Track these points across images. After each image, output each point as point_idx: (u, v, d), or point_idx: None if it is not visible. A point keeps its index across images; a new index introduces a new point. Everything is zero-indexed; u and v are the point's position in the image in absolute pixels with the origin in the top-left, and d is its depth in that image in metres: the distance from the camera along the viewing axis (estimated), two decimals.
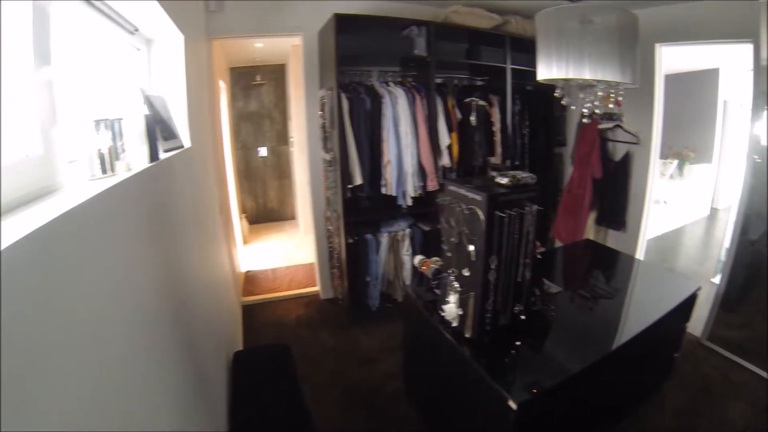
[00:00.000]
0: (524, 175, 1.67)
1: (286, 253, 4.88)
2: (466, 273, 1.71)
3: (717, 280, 2.99)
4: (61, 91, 0.95)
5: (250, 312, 3.48)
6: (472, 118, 3.23)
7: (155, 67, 1.85)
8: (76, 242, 0.69)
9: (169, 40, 1.85)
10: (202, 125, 2.48)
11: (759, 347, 2.58)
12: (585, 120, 3.38)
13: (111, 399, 0.74)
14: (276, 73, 5.74)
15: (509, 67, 3.41)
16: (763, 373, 2.51)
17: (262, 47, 4.64)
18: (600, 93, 1.90)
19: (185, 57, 1.90)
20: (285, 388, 2.07)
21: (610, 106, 2.00)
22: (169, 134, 1.60)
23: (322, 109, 3.03)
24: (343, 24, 2.67)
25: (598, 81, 1.78)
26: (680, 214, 5.35)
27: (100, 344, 0.72)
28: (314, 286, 3.87)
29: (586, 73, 1.71)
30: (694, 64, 4.86)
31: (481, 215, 1.57)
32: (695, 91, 5.05)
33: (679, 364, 2.49)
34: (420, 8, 3.32)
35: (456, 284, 1.77)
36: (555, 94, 2.03)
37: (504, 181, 1.65)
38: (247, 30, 3.12)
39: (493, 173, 1.74)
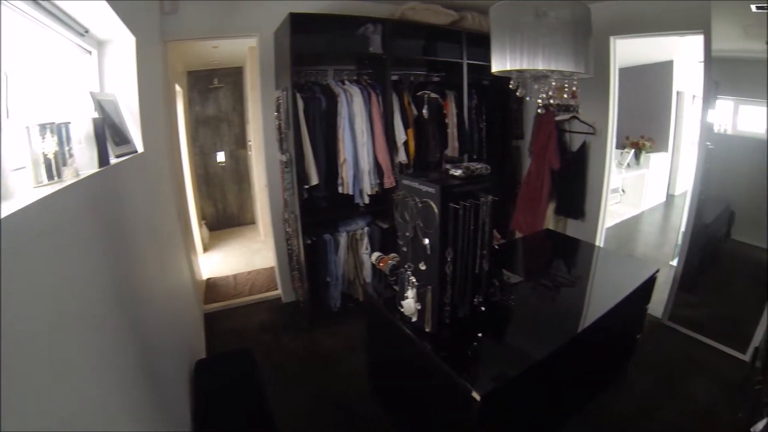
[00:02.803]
0: (478, 166, 1.67)
1: (247, 258, 4.79)
2: (422, 267, 1.70)
3: (675, 263, 3.14)
4: (5, 94, 0.92)
5: (213, 320, 3.40)
6: (425, 111, 3.22)
7: (107, 70, 1.80)
8: (16, 250, 0.66)
9: (120, 42, 1.80)
10: (157, 130, 2.41)
11: (717, 324, 2.73)
12: (540, 110, 3.44)
13: (61, 415, 0.71)
14: (233, 76, 5.63)
15: (465, 62, 3.46)
16: (724, 349, 2.63)
17: (219, 50, 4.54)
18: (554, 83, 1.93)
19: (137, 59, 1.85)
20: (248, 394, 2.04)
21: (565, 96, 2.05)
22: (122, 139, 1.56)
23: (278, 110, 2.98)
24: (299, 23, 2.64)
25: (552, 71, 1.80)
26: (638, 201, 5.54)
27: (43, 360, 0.69)
28: (275, 290, 3.83)
29: (540, 64, 1.73)
30: (649, 56, 5.05)
31: (435, 208, 1.56)
32: (651, 83, 5.25)
33: (641, 346, 2.54)
34: (376, 6, 3.31)
35: (413, 279, 1.76)
36: (509, 86, 2.01)
37: (458, 172, 1.64)
38: (203, 32, 3.06)
39: (447, 166, 1.73)
